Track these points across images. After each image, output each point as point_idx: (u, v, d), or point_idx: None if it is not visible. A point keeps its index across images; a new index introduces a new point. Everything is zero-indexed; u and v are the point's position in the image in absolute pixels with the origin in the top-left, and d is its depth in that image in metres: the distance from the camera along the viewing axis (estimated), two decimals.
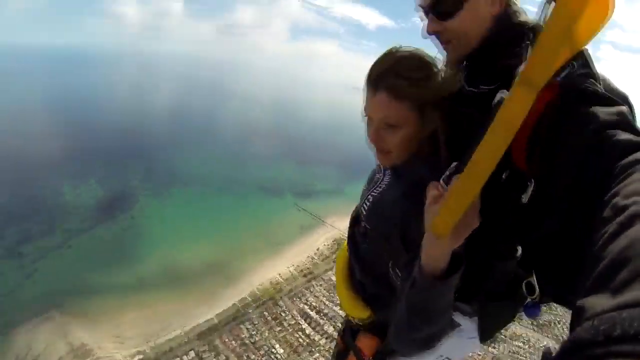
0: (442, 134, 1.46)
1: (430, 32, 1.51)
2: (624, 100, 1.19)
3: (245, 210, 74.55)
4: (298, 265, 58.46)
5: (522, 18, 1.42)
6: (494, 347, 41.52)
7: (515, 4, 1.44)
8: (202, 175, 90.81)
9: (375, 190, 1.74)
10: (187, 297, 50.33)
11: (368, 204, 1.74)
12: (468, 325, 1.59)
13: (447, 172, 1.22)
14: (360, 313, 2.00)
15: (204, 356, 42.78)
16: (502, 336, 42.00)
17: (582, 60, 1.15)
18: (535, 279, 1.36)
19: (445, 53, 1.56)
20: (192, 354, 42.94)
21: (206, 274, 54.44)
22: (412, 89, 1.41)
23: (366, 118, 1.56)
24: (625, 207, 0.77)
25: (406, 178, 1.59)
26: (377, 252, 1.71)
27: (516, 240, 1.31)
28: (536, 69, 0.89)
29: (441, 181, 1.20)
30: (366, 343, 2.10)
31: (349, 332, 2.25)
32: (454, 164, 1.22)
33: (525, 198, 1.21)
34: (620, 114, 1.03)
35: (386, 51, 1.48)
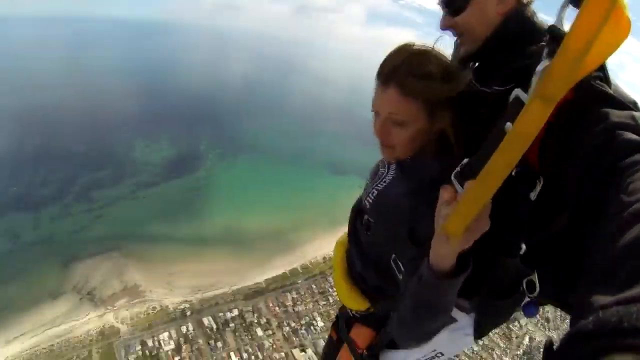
0: (453, 133, 1.49)
1: (443, 27, 1.59)
2: (634, 105, 1.23)
3: (309, 184, 75.87)
4: None
5: (534, 18, 1.46)
6: None
7: (527, 3, 1.47)
8: (270, 144, 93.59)
9: (379, 185, 1.77)
10: (240, 259, 52.57)
11: (372, 197, 1.77)
12: (465, 321, 1.69)
13: (458, 169, 1.22)
14: (359, 305, 2.04)
15: (246, 316, 44.71)
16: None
17: None
18: (536, 277, 1.42)
19: (458, 48, 1.66)
20: (235, 311, 45.20)
21: (263, 240, 56.31)
22: (421, 87, 1.44)
23: (373, 111, 1.60)
24: (630, 204, 0.79)
25: (414, 174, 1.61)
26: (380, 245, 1.75)
27: (522, 236, 1.36)
28: (554, 85, 0.89)
29: (452, 177, 1.21)
30: (361, 335, 2.18)
31: (343, 323, 2.31)
32: (465, 160, 1.21)
33: (533, 195, 1.24)
34: (632, 118, 1.06)
35: (399, 46, 1.52)
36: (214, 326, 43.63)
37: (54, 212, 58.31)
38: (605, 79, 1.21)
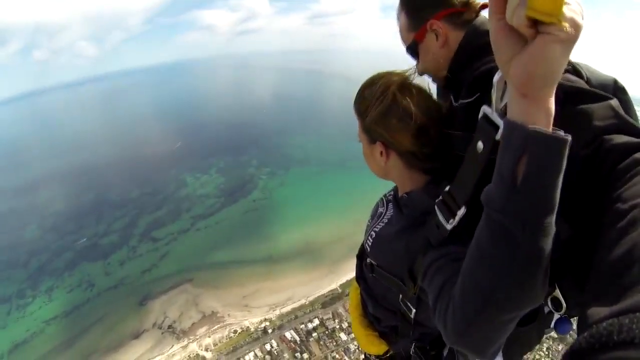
0: (421, 158, 1.54)
1: (418, 74, 1.74)
2: (611, 87, 1.26)
3: (362, 183, 75.15)
4: None
5: (484, 28, 1.56)
6: None
7: (470, 20, 1.61)
8: (317, 153, 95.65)
9: (378, 225, 1.79)
10: (311, 269, 54.36)
11: (371, 239, 1.80)
12: None
13: (440, 197, 1.28)
14: (377, 349, 2.10)
15: (327, 323, 45.93)
16: None
17: None
18: (559, 292, 1.33)
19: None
20: (316, 321, 46.54)
21: (330, 246, 57.53)
22: (358, 112, 1.63)
23: None
24: (625, 212, 0.82)
25: (408, 210, 1.63)
26: (386, 286, 1.76)
27: None
28: None
29: (436, 207, 1.27)
30: None
31: None
32: (447, 187, 1.24)
33: None
34: (612, 110, 1.09)
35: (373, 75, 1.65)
36: (297, 339, 45.02)
37: (122, 257, 63.33)
38: (573, 69, 1.24)
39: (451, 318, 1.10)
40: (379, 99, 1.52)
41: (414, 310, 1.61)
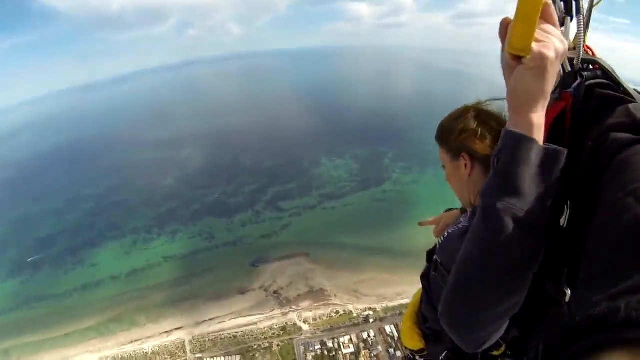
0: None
1: None
2: None
3: None
4: None
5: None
6: None
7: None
8: None
9: (452, 228, 2.07)
10: None
11: (443, 238, 2.08)
12: None
13: None
14: (413, 344, 2.31)
15: None
16: None
17: (595, 72, 1.40)
18: (569, 291, 1.35)
19: None
20: None
21: None
22: (442, 138, 2.02)
23: None
24: (619, 199, 0.89)
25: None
26: (441, 285, 1.94)
27: (564, 279, 1.35)
28: None
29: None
30: None
31: None
32: None
33: (563, 221, 1.32)
34: (626, 112, 1.20)
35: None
36: (396, 335, 44.89)
37: (245, 219, 68.94)
38: (610, 83, 1.38)
39: (443, 294, 1.38)
40: (461, 119, 1.97)
41: None
